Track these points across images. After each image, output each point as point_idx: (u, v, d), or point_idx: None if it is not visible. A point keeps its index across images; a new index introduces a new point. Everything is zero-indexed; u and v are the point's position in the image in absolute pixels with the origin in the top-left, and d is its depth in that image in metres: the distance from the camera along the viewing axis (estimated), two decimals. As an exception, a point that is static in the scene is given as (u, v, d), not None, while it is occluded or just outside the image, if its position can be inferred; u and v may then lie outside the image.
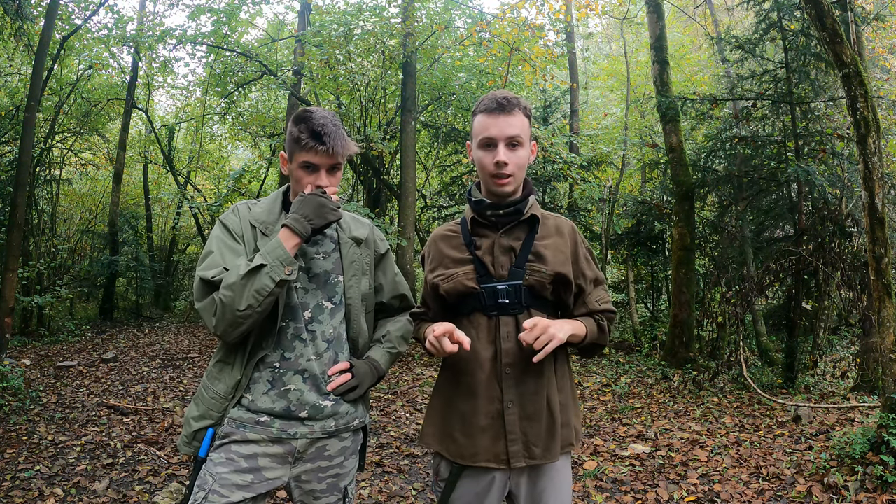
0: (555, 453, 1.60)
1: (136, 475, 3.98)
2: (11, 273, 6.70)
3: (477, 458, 1.59)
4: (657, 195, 10.12)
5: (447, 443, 1.64)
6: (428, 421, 1.71)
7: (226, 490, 1.58)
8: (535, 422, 1.59)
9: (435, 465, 1.70)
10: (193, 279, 1.67)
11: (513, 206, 1.65)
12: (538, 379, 1.60)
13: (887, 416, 3.64)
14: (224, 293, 1.54)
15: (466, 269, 1.64)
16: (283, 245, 1.58)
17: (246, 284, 1.53)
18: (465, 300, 1.64)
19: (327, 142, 1.60)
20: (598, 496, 3.67)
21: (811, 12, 4.06)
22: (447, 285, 1.64)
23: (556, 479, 1.64)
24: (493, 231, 1.67)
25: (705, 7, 12.18)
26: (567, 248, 1.68)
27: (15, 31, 7.78)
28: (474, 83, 10.67)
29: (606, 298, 1.73)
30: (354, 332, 1.77)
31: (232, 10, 9.99)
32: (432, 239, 1.78)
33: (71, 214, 15.21)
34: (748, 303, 6.57)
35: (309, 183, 1.66)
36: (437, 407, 1.70)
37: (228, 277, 1.55)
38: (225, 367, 1.68)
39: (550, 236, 1.68)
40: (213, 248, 1.66)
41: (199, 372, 7.68)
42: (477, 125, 1.64)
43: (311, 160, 1.63)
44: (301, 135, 1.61)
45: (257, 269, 1.54)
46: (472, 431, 1.59)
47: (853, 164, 6.59)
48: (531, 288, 1.61)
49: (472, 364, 1.61)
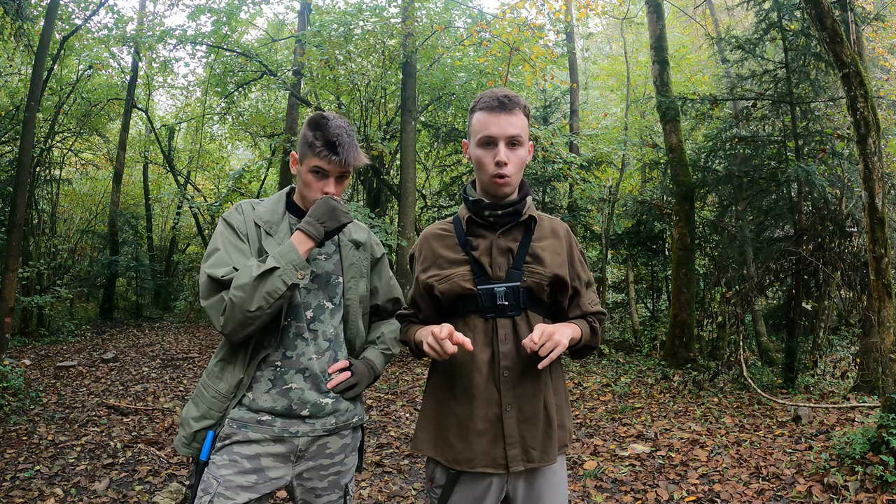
0: (552, 455, 1.58)
1: (136, 475, 3.98)
2: (11, 273, 6.70)
3: (474, 463, 1.55)
4: (657, 195, 10.12)
5: (442, 447, 1.60)
6: (421, 426, 1.66)
7: (230, 492, 1.58)
8: (533, 424, 1.57)
9: (429, 470, 1.66)
10: (200, 275, 1.66)
11: (511, 206, 1.62)
12: (535, 381, 1.58)
13: (887, 416, 3.64)
14: (235, 293, 1.55)
15: (463, 269, 1.61)
16: (296, 249, 1.60)
17: (258, 286, 1.54)
18: (460, 302, 1.61)
19: (341, 153, 1.63)
20: (598, 496, 3.67)
21: (811, 12, 4.06)
22: (443, 286, 1.60)
23: (553, 480, 1.63)
24: (491, 231, 1.64)
25: (705, 7, 12.18)
26: (563, 250, 1.66)
27: (15, 31, 7.78)
28: (474, 83, 10.67)
29: (597, 300, 1.74)
30: (352, 332, 1.79)
31: (232, 10, 9.99)
32: (424, 238, 1.73)
33: (71, 214, 15.20)
34: (748, 303, 6.57)
35: (318, 188, 1.68)
36: (430, 411, 1.66)
37: (240, 278, 1.56)
38: (227, 366, 1.68)
39: (547, 238, 1.66)
40: (218, 246, 1.66)
41: (199, 372, 7.68)
42: (476, 123, 1.60)
43: (322, 167, 1.65)
44: (316, 141, 1.63)
45: (270, 272, 1.56)
46: (468, 436, 1.56)
47: (853, 164, 6.59)
48: (529, 290, 1.59)
49: (468, 367, 1.57)
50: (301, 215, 1.76)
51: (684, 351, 7.58)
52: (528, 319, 1.60)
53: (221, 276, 1.58)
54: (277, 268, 1.56)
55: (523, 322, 1.59)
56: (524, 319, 1.59)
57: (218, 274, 1.59)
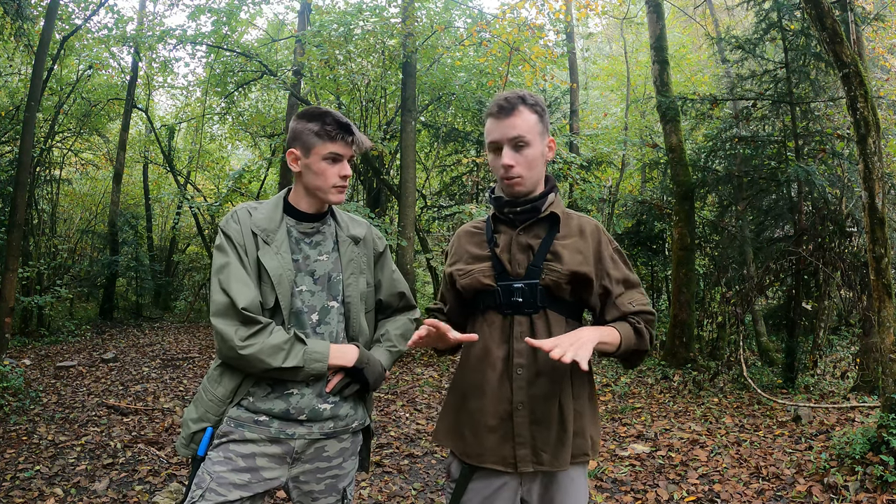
0: (564, 461, 1.54)
1: (136, 475, 3.98)
2: (11, 273, 6.70)
3: (483, 458, 1.57)
4: (657, 195, 10.12)
5: (457, 440, 1.64)
6: (442, 417, 1.72)
7: (223, 489, 1.58)
8: (545, 427, 1.54)
9: (447, 464, 1.70)
10: (212, 287, 1.64)
11: (529, 203, 1.62)
12: (551, 383, 1.55)
13: (887, 416, 3.64)
14: (249, 353, 1.57)
15: (484, 265, 1.63)
16: (328, 358, 1.65)
17: (273, 368, 1.59)
18: (480, 297, 1.64)
19: (355, 132, 1.68)
20: (598, 496, 3.67)
21: (811, 12, 4.06)
22: (464, 281, 1.64)
23: (571, 489, 1.58)
24: (511, 228, 1.65)
25: (705, 7, 12.18)
26: (588, 248, 1.61)
27: (15, 31, 7.78)
28: (474, 83, 10.66)
29: (642, 300, 1.64)
30: (354, 330, 1.77)
31: (232, 10, 9.98)
32: (457, 234, 1.79)
33: (71, 214, 15.20)
34: (748, 303, 6.57)
35: (334, 174, 1.69)
36: (450, 404, 1.70)
37: (265, 352, 1.57)
38: (226, 371, 1.67)
39: (571, 236, 1.63)
40: (230, 262, 1.64)
41: (199, 372, 7.68)
42: (485, 130, 1.66)
43: (338, 151, 1.67)
44: (328, 127, 1.65)
45: (292, 369, 1.61)
46: (479, 430, 1.58)
47: (853, 164, 6.59)
48: (548, 288, 1.58)
49: (483, 363, 1.60)
50: (299, 217, 1.74)
51: (684, 351, 7.58)
52: (548, 318, 1.59)
53: (242, 308, 1.58)
54: (302, 367, 1.61)
55: (541, 321, 1.58)
56: (542, 318, 1.58)
57: (240, 303, 1.58)
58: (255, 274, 1.65)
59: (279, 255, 1.67)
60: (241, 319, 1.58)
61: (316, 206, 1.75)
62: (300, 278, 1.70)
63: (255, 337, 1.57)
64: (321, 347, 1.64)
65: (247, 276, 1.62)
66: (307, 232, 1.76)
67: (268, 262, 1.65)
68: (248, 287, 1.60)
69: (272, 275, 1.64)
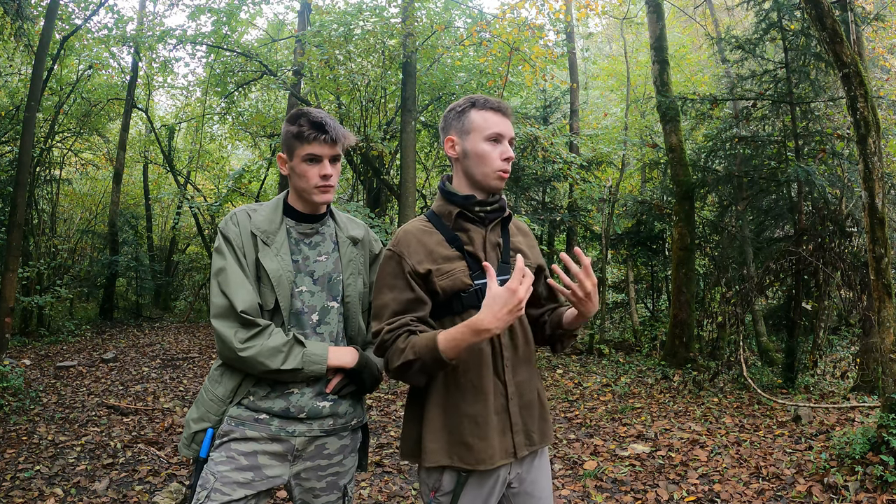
0: (549, 436, 1.70)
1: (136, 475, 3.99)
2: (11, 273, 6.70)
3: (494, 459, 1.55)
4: (657, 195, 10.12)
5: (460, 452, 1.55)
6: (430, 437, 1.57)
7: (227, 488, 1.59)
8: (531, 409, 1.66)
9: (434, 480, 1.59)
10: (211, 289, 1.63)
11: (497, 202, 1.70)
12: (528, 367, 1.68)
13: (887, 416, 3.64)
14: (248, 355, 1.58)
15: (461, 265, 1.62)
16: (327, 360, 1.66)
17: (272, 370, 1.60)
18: (457, 298, 1.61)
19: (329, 131, 1.65)
20: (598, 496, 3.67)
21: (811, 12, 4.06)
22: (445, 282, 1.59)
23: (543, 464, 1.72)
24: (481, 227, 1.67)
25: (705, 7, 12.17)
26: (534, 244, 1.81)
27: (15, 31, 7.77)
28: (474, 83, 10.66)
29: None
30: (353, 330, 1.79)
31: (232, 10, 9.98)
32: (411, 234, 1.63)
33: (71, 214, 15.20)
34: (748, 303, 6.57)
35: (315, 174, 1.67)
36: (436, 420, 1.58)
37: (263, 355, 1.58)
38: (226, 371, 1.69)
39: (518, 234, 1.78)
40: (228, 265, 1.64)
41: (199, 372, 7.68)
42: (483, 121, 1.64)
43: (315, 151, 1.66)
44: (302, 128, 1.65)
45: (291, 371, 1.62)
46: (487, 433, 1.56)
47: (853, 164, 6.59)
48: None
49: (476, 363, 1.59)
50: (298, 218, 1.76)
51: (684, 351, 7.58)
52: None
53: (241, 311, 1.60)
54: (300, 370, 1.62)
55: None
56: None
57: (239, 307, 1.60)
58: (254, 276, 1.66)
59: (279, 256, 1.68)
60: (240, 322, 1.60)
61: (309, 207, 1.76)
62: (300, 279, 1.71)
63: (254, 339, 1.59)
64: (320, 349, 1.65)
65: (245, 278, 1.63)
66: (306, 233, 1.77)
67: (268, 263, 1.66)
68: (247, 290, 1.62)
69: (272, 276, 1.65)
